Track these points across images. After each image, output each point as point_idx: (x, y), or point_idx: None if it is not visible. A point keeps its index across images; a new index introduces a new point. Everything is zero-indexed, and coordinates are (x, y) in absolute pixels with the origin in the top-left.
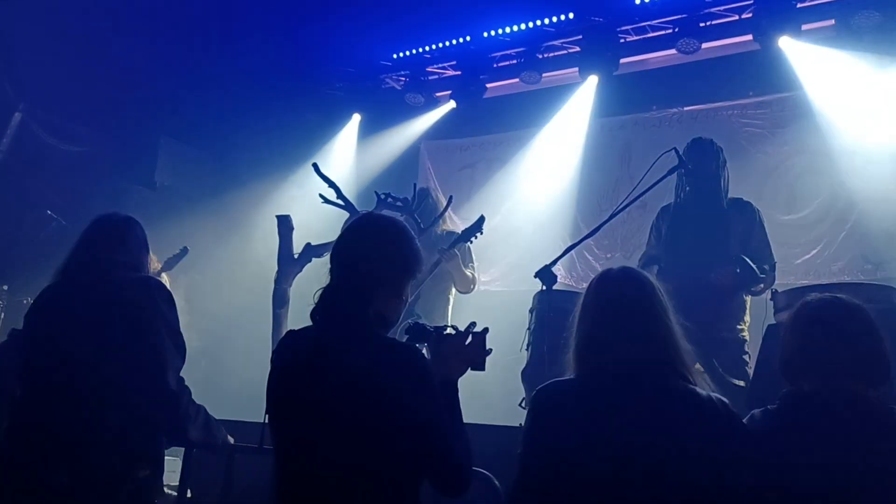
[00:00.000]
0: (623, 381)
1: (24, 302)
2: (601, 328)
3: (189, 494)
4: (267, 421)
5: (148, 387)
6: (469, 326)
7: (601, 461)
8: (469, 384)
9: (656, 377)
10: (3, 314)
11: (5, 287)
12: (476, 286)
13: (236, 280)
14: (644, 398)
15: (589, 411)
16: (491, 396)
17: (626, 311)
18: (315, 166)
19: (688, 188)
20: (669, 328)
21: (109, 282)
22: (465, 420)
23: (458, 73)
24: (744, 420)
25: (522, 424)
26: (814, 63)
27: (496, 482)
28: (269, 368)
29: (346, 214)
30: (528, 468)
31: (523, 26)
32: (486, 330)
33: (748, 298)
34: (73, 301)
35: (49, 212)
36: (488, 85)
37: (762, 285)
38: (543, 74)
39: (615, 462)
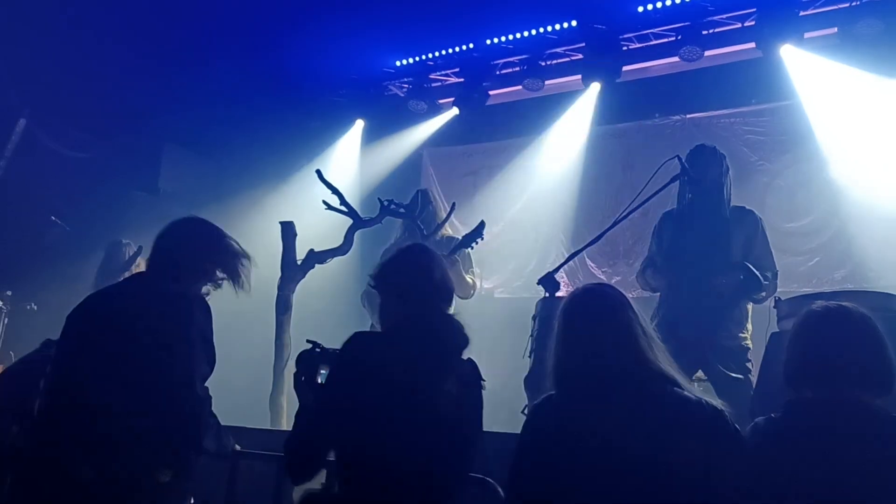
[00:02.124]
0: (602, 389)
1: (28, 308)
2: (572, 346)
3: (192, 501)
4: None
5: (177, 391)
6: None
7: (589, 468)
8: None
9: (636, 381)
10: (7, 319)
11: (9, 292)
12: (476, 291)
13: None
14: (625, 404)
15: (573, 422)
16: (493, 403)
17: (593, 323)
18: (318, 173)
19: (690, 196)
20: (640, 334)
21: (150, 292)
22: None
23: (461, 80)
24: (747, 428)
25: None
26: (816, 71)
27: (499, 489)
28: (271, 375)
29: (349, 221)
30: (520, 479)
31: (526, 34)
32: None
33: (750, 306)
34: (111, 308)
35: (53, 217)
36: (491, 92)
37: (764, 293)
38: (546, 82)
39: (601, 469)
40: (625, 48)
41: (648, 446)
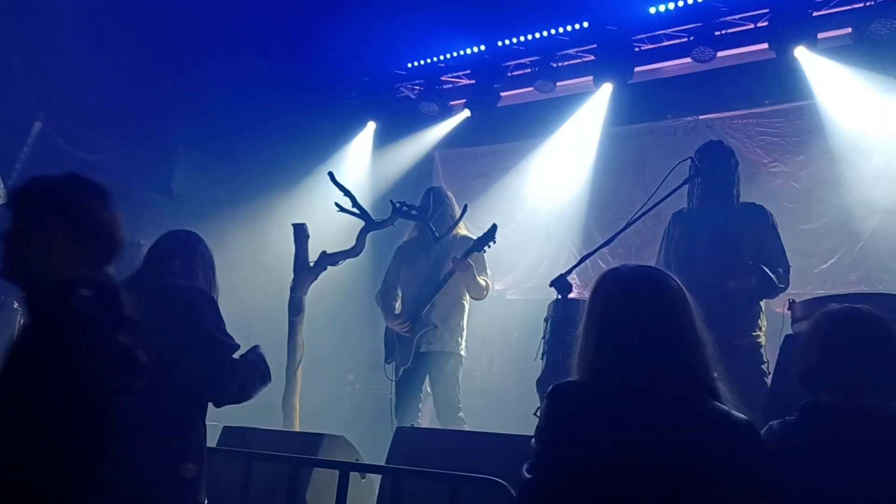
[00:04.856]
0: (642, 390)
1: None
2: (619, 337)
3: (206, 502)
4: None
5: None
6: None
7: (610, 467)
8: (484, 393)
9: (680, 390)
10: (23, 320)
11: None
12: (490, 292)
13: (252, 288)
14: (664, 411)
15: (604, 416)
16: (506, 405)
17: (647, 316)
18: (331, 175)
19: (699, 192)
20: (696, 333)
21: (156, 288)
22: (482, 429)
23: (473, 81)
24: (762, 431)
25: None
26: (829, 72)
27: (512, 490)
28: (283, 376)
29: (361, 223)
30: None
31: (538, 35)
32: None
33: (763, 302)
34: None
35: None
36: (502, 93)
37: (782, 285)
38: (558, 83)
39: (624, 471)
40: (637, 49)
41: (674, 461)
